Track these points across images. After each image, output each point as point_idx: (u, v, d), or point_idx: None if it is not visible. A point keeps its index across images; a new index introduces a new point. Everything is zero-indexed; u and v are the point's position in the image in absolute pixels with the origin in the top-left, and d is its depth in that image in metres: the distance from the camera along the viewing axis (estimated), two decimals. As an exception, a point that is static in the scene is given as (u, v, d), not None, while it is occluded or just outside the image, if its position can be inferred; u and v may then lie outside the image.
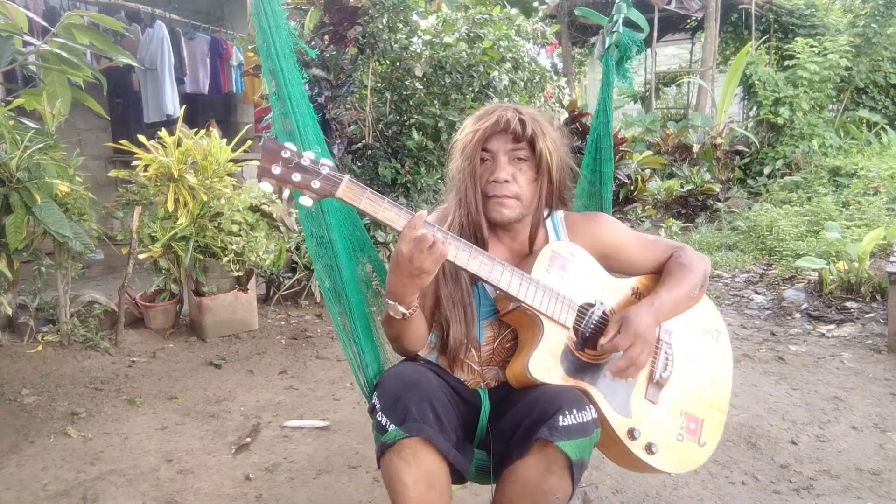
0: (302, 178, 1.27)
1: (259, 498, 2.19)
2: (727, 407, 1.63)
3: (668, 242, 1.68)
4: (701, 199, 7.04)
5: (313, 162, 1.28)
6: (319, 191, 1.28)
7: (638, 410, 1.50)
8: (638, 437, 1.46)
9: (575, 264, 1.53)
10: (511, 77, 5.03)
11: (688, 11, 9.23)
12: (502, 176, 1.49)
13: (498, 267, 1.41)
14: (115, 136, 5.45)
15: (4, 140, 2.89)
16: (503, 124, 1.49)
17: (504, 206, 1.51)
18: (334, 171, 1.29)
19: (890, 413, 2.73)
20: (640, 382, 1.52)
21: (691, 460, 1.54)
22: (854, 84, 9.23)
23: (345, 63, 4.44)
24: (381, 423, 1.36)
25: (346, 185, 1.29)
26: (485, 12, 5.15)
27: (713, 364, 1.64)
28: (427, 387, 1.39)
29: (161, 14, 5.81)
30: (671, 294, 1.53)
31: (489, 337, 1.57)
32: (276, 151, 1.26)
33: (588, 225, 1.65)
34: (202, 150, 3.56)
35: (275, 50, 1.59)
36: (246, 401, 2.98)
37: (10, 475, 2.33)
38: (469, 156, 1.52)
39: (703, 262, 1.62)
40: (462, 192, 1.54)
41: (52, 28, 2.78)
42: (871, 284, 4.14)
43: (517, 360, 1.48)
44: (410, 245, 1.29)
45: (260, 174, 1.26)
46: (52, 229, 2.83)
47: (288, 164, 1.26)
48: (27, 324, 3.36)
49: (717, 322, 1.69)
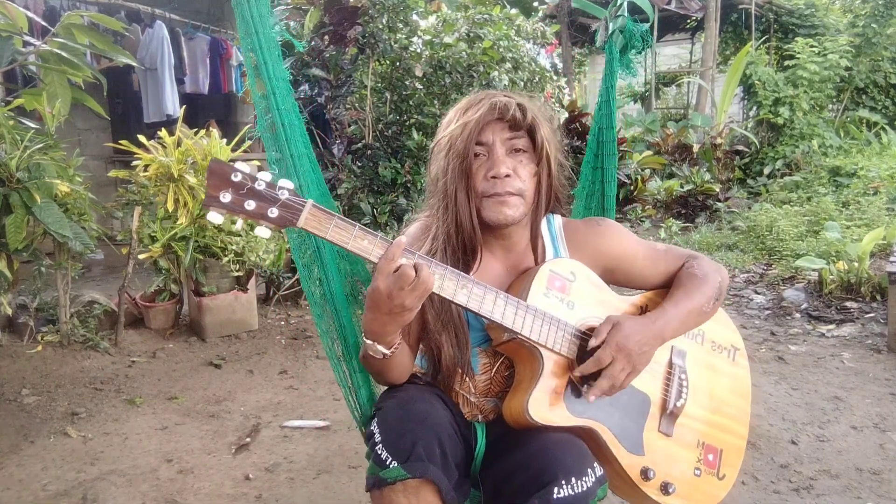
0: (257, 206, 1.09)
1: (259, 498, 2.19)
2: (747, 432, 1.50)
3: (681, 251, 1.49)
4: (701, 199, 7.04)
5: (270, 186, 1.10)
6: (278, 220, 1.10)
7: (651, 446, 1.34)
8: (652, 478, 1.32)
9: (576, 284, 1.34)
10: (511, 77, 5.03)
11: (688, 11, 9.24)
12: (503, 170, 1.30)
13: (489, 295, 1.23)
14: (115, 136, 5.45)
15: (4, 140, 2.90)
16: (499, 111, 1.31)
17: (507, 206, 1.32)
18: (295, 195, 1.11)
19: (890, 413, 2.73)
20: (654, 414, 1.36)
21: (710, 496, 1.40)
22: (854, 84, 9.24)
23: (345, 63, 4.45)
24: (381, 458, 1.21)
25: (309, 213, 1.11)
26: (485, 12, 5.16)
27: (730, 386, 1.49)
28: (436, 420, 1.25)
29: (161, 14, 5.81)
30: (678, 308, 1.35)
31: (485, 364, 1.41)
32: (225, 175, 1.08)
33: (591, 235, 1.46)
34: (202, 150, 3.56)
35: (258, 42, 1.49)
36: (246, 401, 2.97)
37: (10, 475, 2.33)
38: (460, 152, 1.31)
39: (719, 272, 1.44)
40: (451, 196, 1.34)
41: (52, 28, 2.78)
42: (871, 284, 4.14)
43: (514, 397, 1.31)
44: (389, 281, 1.12)
45: (206, 203, 1.08)
46: (52, 229, 2.83)
47: (239, 190, 1.08)
48: (27, 324, 3.36)
49: (734, 338, 1.53)
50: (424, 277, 1.12)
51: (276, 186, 1.10)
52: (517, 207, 1.33)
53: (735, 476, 1.44)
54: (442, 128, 1.40)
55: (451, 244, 1.35)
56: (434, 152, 1.40)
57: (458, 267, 1.32)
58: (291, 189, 1.11)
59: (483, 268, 1.40)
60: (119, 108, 6.53)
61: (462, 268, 1.34)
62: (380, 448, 1.23)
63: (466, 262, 1.37)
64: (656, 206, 7.11)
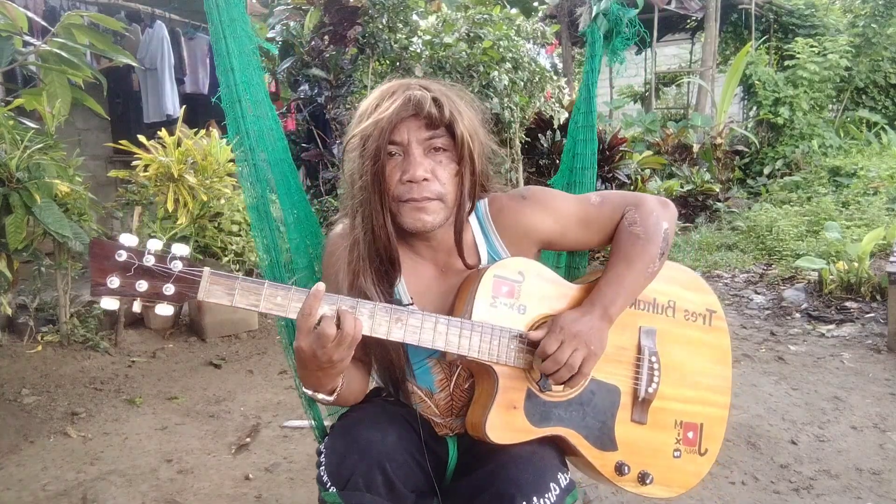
0: (150, 287, 1.00)
1: (259, 498, 2.19)
2: (728, 399, 1.41)
3: (617, 199, 1.35)
4: (701, 199, 7.04)
5: (160, 260, 1.00)
6: (175, 297, 1.01)
7: (625, 439, 1.29)
8: (627, 472, 1.27)
9: (526, 285, 1.24)
10: (511, 77, 5.02)
11: (688, 11, 9.23)
12: (419, 173, 1.18)
13: (427, 323, 1.14)
14: (115, 136, 5.45)
15: (4, 140, 2.89)
16: (413, 106, 1.18)
17: (425, 212, 1.20)
18: (189, 262, 1.02)
19: (890, 413, 2.73)
20: (625, 404, 1.30)
21: (692, 474, 1.35)
22: (854, 84, 9.23)
23: (345, 63, 4.45)
24: (323, 480, 1.20)
25: (209, 282, 1.02)
26: (485, 12, 5.16)
27: (707, 354, 1.39)
28: (379, 448, 1.19)
29: (161, 14, 5.81)
30: (619, 284, 1.24)
31: (441, 381, 1.32)
32: (108, 256, 0.98)
33: (518, 214, 1.33)
34: (202, 150, 3.56)
35: (226, 46, 1.43)
36: (246, 401, 2.97)
37: (10, 475, 2.33)
38: (372, 153, 1.18)
39: (663, 216, 1.30)
40: (364, 203, 1.21)
41: (52, 28, 2.78)
42: (870, 284, 4.14)
43: (474, 410, 1.25)
44: (310, 339, 1.03)
45: (94, 293, 0.99)
46: (52, 229, 2.83)
47: (126, 272, 0.99)
48: (27, 324, 3.36)
49: (707, 299, 1.41)
50: (348, 330, 1.03)
51: (167, 259, 1.01)
52: (437, 213, 1.22)
53: (718, 448, 1.38)
54: (354, 122, 1.26)
55: (370, 255, 1.24)
56: (347, 150, 1.28)
57: (382, 277, 1.25)
58: (184, 257, 1.02)
59: (413, 272, 1.31)
60: (119, 108, 6.53)
61: (386, 278, 1.26)
62: (322, 470, 1.21)
63: (388, 271, 1.26)
64: (656, 206, 7.11)
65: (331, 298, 1.07)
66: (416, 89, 1.21)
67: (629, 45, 1.84)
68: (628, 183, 5.68)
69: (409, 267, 1.31)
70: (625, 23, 1.79)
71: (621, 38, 1.82)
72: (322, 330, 1.02)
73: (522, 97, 5.30)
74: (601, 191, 1.44)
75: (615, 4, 1.79)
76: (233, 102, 1.45)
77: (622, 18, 1.79)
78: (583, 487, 2.19)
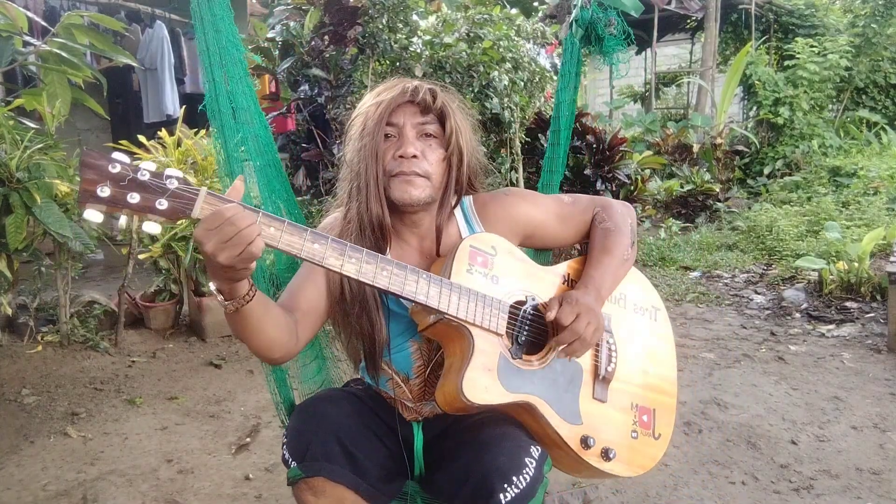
0: (142, 199, 0.99)
1: (259, 498, 2.19)
2: (676, 390, 1.52)
3: (586, 201, 1.51)
4: (701, 199, 7.04)
5: (155, 175, 1.00)
6: (168, 212, 1.00)
7: (588, 414, 1.34)
8: (592, 445, 1.31)
9: (498, 259, 1.32)
10: (511, 77, 5.03)
11: (688, 11, 9.23)
12: (410, 150, 1.31)
13: (411, 276, 1.19)
14: (115, 136, 5.45)
15: (4, 140, 2.89)
16: (410, 94, 1.33)
17: (412, 185, 1.31)
18: (186, 183, 1.02)
19: (890, 413, 2.73)
20: (587, 381, 1.37)
21: (649, 457, 1.42)
22: (854, 84, 9.23)
23: (345, 63, 4.45)
24: (285, 458, 1.25)
25: (205, 201, 1.02)
26: (485, 12, 5.16)
27: (655, 346, 1.51)
28: (335, 419, 1.26)
29: (161, 14, 5.81)
30: (604, 269, 1.39)
31: (419, 367, 1.39)
32: (102, 167, 0.97)
33: (500, 207, 1.45)
34: (202, 150, 3.56)
35: (208, 59, 1.44)
36: (246, 401, 2.98)
37: (10, 475, 2.33)
38: (371, 131, 1.32)
39: (627, 214, 1.48)
40: (361, 177, 1.33)
41: (52, 28, 2.78)
42: (871, 284, 4.14)
43: (447, 380, 1.26)
44: (202, 228, 1.01)
45: (81, 199, 0.97)
46: (52, 229, 2.83)
47: (119, 182, 0.98)
48: (27, 324, 3.36)
49: (653, 298, 1.54)
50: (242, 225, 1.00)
51: (162, 175, 1.01)
52: (423, 189, 1.32)
53: (670, 435, 1.46)
54: (359, 107, 1.39)
55: (363, 228, 1.34)
56: (348, 134, 1.39)
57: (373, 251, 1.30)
58: (181, 177, 1.02)
59: (397, 255, 1.38)
60: (119, 108, 6.53)
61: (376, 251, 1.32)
62: (284, 448, 1.26)
63: (379, 247, 1.35)
64: (656, 207, 7.11)
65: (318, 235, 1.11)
66: (413, 82, 1.35)
67: (621, 46, 1.84)
68: (628, 183, 5.68)
69: (397, 253, 1.39)
70: (603, 25, 1.80)
71: (615, 41, 1.83)
72: (216, 212, 1.00)
73: (522, 97, 5.30)
74: (569, 193, 1.59)
75: (586, 10, 1.80)
76: (214, 112, 1.45)
77: (598, 21, 1.80)
78: (583, 488, 2.19)
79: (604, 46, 1.83)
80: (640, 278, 1.54)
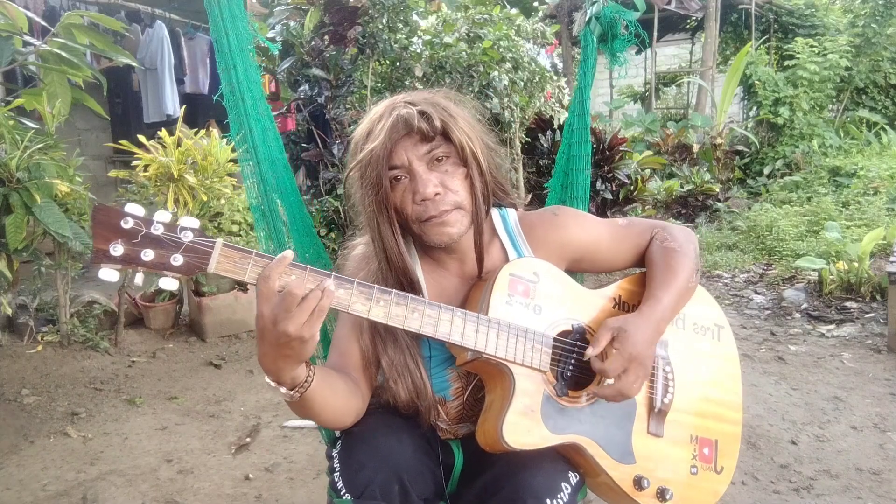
0: (157, 256, 0.94)
1: (259, 498, 2.19)
2: (741, 416, 1.38)
3: (644, 223, 1.38)
4: (701, 199, 7.03)
5: (169, 229, 0.95)
6: (184, 269, 0.95)
7: (642, 451, 1.23)
8: (647, 486, 1.21)
9: (541, 286, 1.21)
10: (511, 77, 5.02)
11: (688, 11, 9.22)
12: (430, 190, 1.16)
13: (445, 315, 1.10)
14: (115, 136, 5.45)
15: (4, 140, 2.89)
16: (403, 126, 1.15)
17: (448, 225, 1.18)
18: (202, 234, 0.97)
19: (890, 413, 2.73)
20: (641, 415, 1.25)
21: (710, 493, 1.30)
22: (854, 84, 9.23)
23: (345, 63, 4.45)
24: (337, 487, 1.17)
25: (221, 254, 0.97)
26: (485, 12, 5.16)
27: (718, 369, 1.37)
28: (398, 457, 1.16)
29: (161, 14, 5.81)
30: (669, 292, 1.23)
31: (456, 389, 1.30)
32: (114, 223, 0.93)
33: (550, 229, 1.34)
34: (202, 150, 3.56)
35: (227, 44, 1.43)
36: (246, 401, 2.97)
37: (10, 475, 2.33)
38: (373, 182, 1.16)
39: (690, 238, 1.34)
40: (374, 230, 1.20)
41: (52, 28, 2.78)
42: (871, 284, 4.14)
43: (486, 420, 1.18)
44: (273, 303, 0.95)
45: (95, 260, 0.93)
46: (52, 229, 2.83)
47: (132, 240, 0.93)
48: (27, 324, 3.36)
49: (716, 314, 1.40)
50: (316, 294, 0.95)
51: (177, 228, 0.96)
52: (460, 223, 1.20)
53: (734, 466, 1.35)
54: (351, 155, 1.24)
55: (391, 276, 1.22)
56: (347, 183, 1.26)
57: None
58: (195, 229, 0.97)
59: (436, 284, 1.29)
60: (119, 108, 6.54)
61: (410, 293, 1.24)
62: (337, 477, 1.18)
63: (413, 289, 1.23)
64: (656, 207, 7.11)
65: (298, 269, 0.99)
66: (401, 108, 1.17)
67: (628, 46, 1.83)
68: (628, 183, 5.68)
69: (434, 280, 1.29)
70: (621, 25, 1.77)
71: (620, 41, 1.79)
72: (290, 289, 0.94)
73: (522, 97, 5.30)
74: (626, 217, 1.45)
75: (608, 7, 1.76)
76: (235, 100, 1.44)
77: (617, 21, 1.76)
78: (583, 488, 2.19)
79: (615, 46, 1.80)
80: (701, 291, 1.39)
